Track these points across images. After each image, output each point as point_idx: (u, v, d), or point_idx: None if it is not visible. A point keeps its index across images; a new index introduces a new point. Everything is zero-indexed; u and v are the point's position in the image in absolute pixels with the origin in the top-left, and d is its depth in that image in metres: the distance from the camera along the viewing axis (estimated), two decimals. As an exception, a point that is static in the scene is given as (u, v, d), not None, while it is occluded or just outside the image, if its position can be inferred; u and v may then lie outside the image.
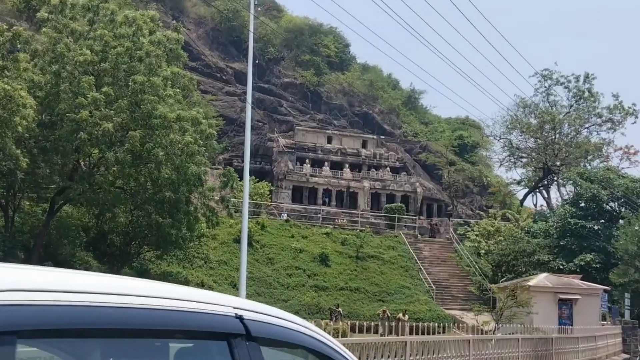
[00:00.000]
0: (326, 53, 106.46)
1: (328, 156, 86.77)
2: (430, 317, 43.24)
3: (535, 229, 52.48)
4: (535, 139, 75.09)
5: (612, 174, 52.91)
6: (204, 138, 39.81)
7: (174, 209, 38.29)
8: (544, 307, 30.37)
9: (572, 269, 45.42)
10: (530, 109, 75.38)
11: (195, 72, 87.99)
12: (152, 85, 35.05)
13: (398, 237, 60.57)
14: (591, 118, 74.21)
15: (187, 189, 38.55)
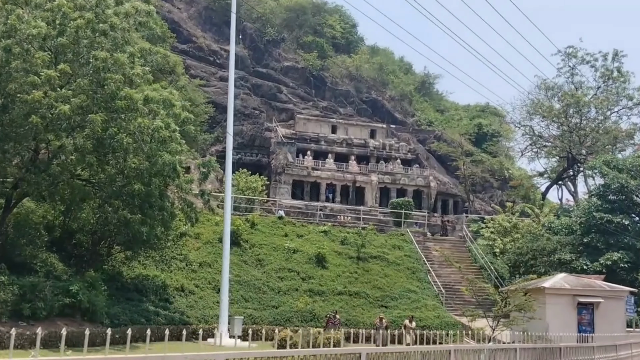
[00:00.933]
0: (331, 34, 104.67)
1: (332, 147, 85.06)
2: (438, 325, 41.83)
3: (557, 225, 50.40)
4: (559, 124, 72.94)
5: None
6: (179, 123, 38.29)
7: (145, 204, 36.79)
8: (561, 311, 28.76)
9: (597, 269, 43.56)
10: (553, 92, 73.20)
11: (186, 55, 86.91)
12: (116, 63, 33.48)
13: (405, 235, 58.84)
14: (621, 100, 72.04)
15: (161, 180, 36.99)
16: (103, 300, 34.93)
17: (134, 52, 35.38)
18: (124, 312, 36.36)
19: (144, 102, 33.92)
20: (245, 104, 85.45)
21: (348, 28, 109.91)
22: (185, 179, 39.04)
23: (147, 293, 40.74)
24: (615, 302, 28.81)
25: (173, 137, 35.75)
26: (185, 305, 41.36)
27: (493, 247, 56.16)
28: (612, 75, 71.83)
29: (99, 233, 39.07)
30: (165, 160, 35.51)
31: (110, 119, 33.32)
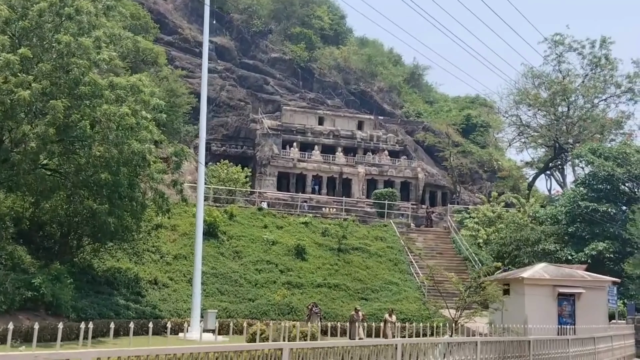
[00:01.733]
0: (319, 26, 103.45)
1: (319, 139, 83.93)
2: (420, 317, 40.44)
3: (542, 215, 48.90)
4: (545, 113, 71.42)
5: (629, 149, 49.46)
6: (149, 110, 36.83)
7: (114, 194, 35.39)
8: (540, 303, 27.35)
9: (582, 259, 42.24)
10: (541, 80, 71.74)
11: (171, 46, 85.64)
12: (81, 47, 32.01)
13: (388, 226, 57.39)
14: (608, 88, 70.66)
15: (130, 170, 35.55)
16: (68, 293, 33.50)
17: (99, 37, 33.80)
18: (92, 306, 34.98)
19: (109, 88, 32.50)
20: (230, 95, 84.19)
21: (336, 19, 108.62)
22: (157, 168, 37.52)
23: (118, 286, 39.36)
24: (597, 293, 27.40)
25: (141, 124, 34.26)
26: (158, 298, 39.98)
27: (476, 237, 54.74)
28: (599, 62, 70.33)
29: (67, 224, 37.62)
30: (134, 148, 34.11)
31: (74, 106, 31.94)
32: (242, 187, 64.27)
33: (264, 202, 63.69)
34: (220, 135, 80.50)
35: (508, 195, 62.25)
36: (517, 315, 27.08)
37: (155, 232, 45.66)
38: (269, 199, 67.14)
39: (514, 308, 27.90)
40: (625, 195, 45.49)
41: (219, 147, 78.64)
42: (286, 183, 76.89)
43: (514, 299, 28.08)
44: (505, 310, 28.18)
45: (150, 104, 36.35)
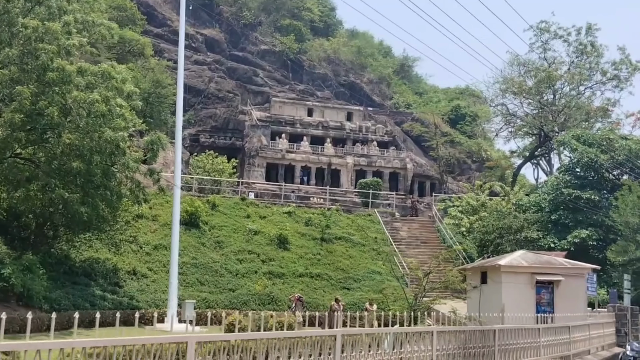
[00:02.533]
0: (309, 17, 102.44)
1: (308, 130, 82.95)
2: (401, 306, 39.22)
3: (525, 203, 47.59)
4: (530, 101, 70.04)
5: (613, 135, 48.22)
6: (124, 97, 35.54)
7: (88, 183, 34.09)
8: (518, 291, 26.13)
9: (564, 247, 41.08)
10: (526, 68, 70.29)
11: (160, 38, 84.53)
12: (49, 32, 30.71)
13: (372, 216, 56.16)
14: (594, 75, 69.18)
15: (103, 158, 34.24)
16: (40, 284, 32.22)
17: (69, 22, 32.48)
18: (67, 297, 33.71)
19: (78, 74, 31.22)
20: (219, 87, 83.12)
21: (326, 11, 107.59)
22: (134, 157, 36.23)
23: (96, 277, 38.11)
24: (576, 281, 26.16)
25: (114, 111, 32.96)
26: (136, 289, 38.74)
27: (459, 226, 53.45)
28: (585, 49, 68.93)
29: (42, 214, 36.32)
30: (107, 136, 32.85)
31: (43, 92, 30.63)
32: (228, 177, 63.02)
33: (251, 193, 62.54)
34: (208, 126, 79.41)
35: (492, 184, 60.99)
36: (495, 303, 25.94)
37: (136, 223, 44.52)
38: (257, 189, 66.00)
39: (491, 296, 26.75)
40: (610, 183, 44.17)
41: (207, 138, 77.52)
42: (275, 174, 75.74)
43: (492, 287, 26.91)
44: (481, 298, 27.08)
45: (124, 91, 35.04)
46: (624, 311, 26.70)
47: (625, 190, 40.29)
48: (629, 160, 44.29)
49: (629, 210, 38.33)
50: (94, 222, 35.32)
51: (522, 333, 16.69)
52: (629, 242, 37.69)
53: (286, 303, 40.04)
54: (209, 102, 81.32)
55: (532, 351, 17.13)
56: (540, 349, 17.53)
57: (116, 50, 68.13)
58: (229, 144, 78.11)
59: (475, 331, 14.48)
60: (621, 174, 44.55)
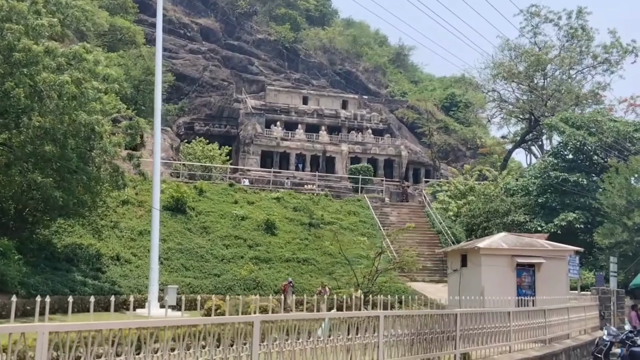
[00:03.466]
0: (304, 7, 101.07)
1: (303, 118, 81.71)
2: (388, 291, 37.90)
3: (513, 186, 46.00)
4: (520, 85, 68.30)
5: (601, 117, 46.64)
6: (100, 80, 34.15)
7: (64, 168, 32.71)
8: (498, 273, 24.66)
9: (551, 230, 39.59)
10: (517, 53, 68.50)
11: (155, 28, 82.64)
12: (13, 11, 29.30)
13: (362, 201, 54.59)
14: (584, 59, 67.34)
15: (79, 143, 32.87)
16: (17, 269, 30.85)
17: (37, 1, 31.04)
18: (45, 283, 32.29)
19: (46, 55, 29.79)
20: (214, 75, 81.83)
21: (322, 1, 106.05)
22: (112, 141, 34.85)
23: (78, 263, 36.76)
24: (558, 263, 24.71)
25: (86, 94, 31.54)
26: (119, 274, 37.39)
27: (447, 210, 51.98)
28: (575, 33, 67.11)
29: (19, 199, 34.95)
30: (81, 119, 31.47)
31: (10, 74, 29.23)
32: (220, 164, 61.73)
33: (245, 180, 61.45)
34: (203, 114, 78.10)
35: (481, 168, 59.53)
36: (475, 286, 24.57)
37: (121, 208, 43.23)
38: (251, 176, 64.81)
39: (471, 279, 25.33)
40: (598, 165, 42.44)
41: (202, 126, 76.17)
42: (270, 161, 74.32)
43: (471, 269, 25.45)
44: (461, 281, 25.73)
45: (99, 74, 33.66)
46: (607, 294, 25.29)
47: (612, 172, 38.73)
48: (617, 142, 42.80)
49: (615, 193, 36.83)
50: (71, 206, 33.93)
51: (489, 317, 15.22)
52: (616, 225, 36.19)
53: (272, 288, 38.86)
54: (204, 91, 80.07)
55: (500, 336, 15.67)
56: (510, 333, 16.07)
57: (107, 38, 66.94)
58: (224, 131, 76.78)
59: (433, 315, 13.03)
60: (610, 157, 42.82)
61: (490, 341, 15.10)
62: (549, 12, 67.41)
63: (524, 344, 17.04)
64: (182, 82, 78.04)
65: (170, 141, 61.78)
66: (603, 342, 16.53)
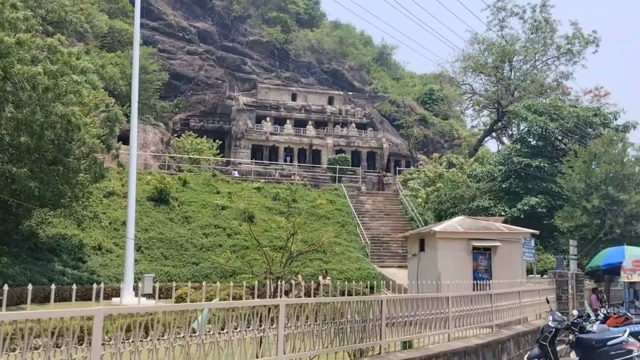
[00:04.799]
0: (294, 10, 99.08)
1: (291, 114, 79.92)
2: (358, 276, 35.96)
3: (479, 173, 43.76)
4: (488, 76, 65.92)
5: (562, 103, 44.48)
6: (77, 72, 32.03)
7: (42, 159, 30.65)
8: (454, 257, 22.63)
9: (515, 214, 37.49)
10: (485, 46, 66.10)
11: (156, 31, 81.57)
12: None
13: (339, 190, 52.42)
14: (548, 50, 65.31)
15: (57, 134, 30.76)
16: (-7, 260, 28.91)
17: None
18: (24, 273, 30.28)
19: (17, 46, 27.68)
20: (208, 74, 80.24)
21: (311, 4, 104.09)
22: (91, 133, 32.76)
23: (60, 253, 34.84)
24: (514, 246, 22.63)
25: (60, 85, 29.43)
26: (100, 264, 35.42)
27: (417, 197, 49.77)
28: (540, 26, 64.76)
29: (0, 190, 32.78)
30: (57, 111, 29.40)
31: (-21, 65, 27.17)
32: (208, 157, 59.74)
33: (235, 171, 59.74)
34: (198, 111, 76.43)
35: (449, 156, 57.34)
36: (432, 271, 22.64)
37: (107, 200, 41.27)
38: (242, 169, 62.99)
39: (429, 264, 23.34)
40: (560, 151, 40.01)
41: (197, 122, 74.36)
42: (260, 155, 72.82)
43: (429, 253, 23.45)
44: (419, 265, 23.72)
45: (76, 67, 31.54)
46: (564, 277, 23.13)
47: (571, 156, 36.53)
48: (577, 127, 40.59)
49: (575, 176, 34.68)
50: (48, 198, 31.85)
51: (422, 303, 13.08)
52: (575, 208, 34.08)
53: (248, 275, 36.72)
54: (199, 89, 78.43)
55: (437, 323, 13.56)
56: (449, 320, 13.96)
57: (107, 40, 65.06)
58: (217, 127, 75.08)
59: (351, 302, 10.90)
60: (572, 142, 40.45)
61: (425, 329, 12.99)
62: (514, 6, 65.47)
63: (466, 331, 14.91)
64: (179, 81, 76.78)
65: (161, 135, 59.76)
66: (548, 328, 14.39)
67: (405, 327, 12.55)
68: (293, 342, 9.45)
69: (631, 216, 32.88)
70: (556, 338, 14.74)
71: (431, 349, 12.83)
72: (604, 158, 34.27)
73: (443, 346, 13.30)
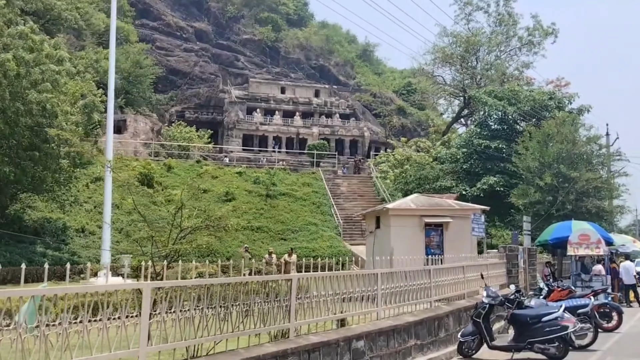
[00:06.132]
0: (285, 11, 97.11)
1: (280, 106, 77.93)
2: (329, 254, 33.87)
3: (443, 155, 41.61)
4: (454, 66, 63.64)
5: (519, 88, 42.41)
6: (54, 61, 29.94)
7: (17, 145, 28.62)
8: (407, 234, 20.66)
9: (475, 193, 35.48)
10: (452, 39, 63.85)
11: (155, 30, 79.72)
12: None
13: (316, 173, 50.35)
14: (511, 41, 62.95)
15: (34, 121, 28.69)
16: (-30, 242, 26.89)
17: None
18: (3, 255, 28.28)
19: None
20: (202, 70, 78.47)
21: (300, 5, 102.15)
22: (67, 119, 30.64)
23: (44, 236, 32.85)
24: (465, 222, 20.62)
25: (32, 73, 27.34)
26: (81, 245, 33.39)
27: (385, 178, 47.71)
28: (503, 18, 62.53)
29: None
30: (31, 98, 27.33)
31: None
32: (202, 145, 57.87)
33: (226, 158, 58.15)
34: (193, 104, 74.45)
35: (417, 140, 55.30)
36: (386, 247, 20.66)
37: (94, 185, 39.26)
38: (234, 157, 61.05)
39: (383, 240, 21.35)
40: (519, 134, 37.70)
41: (191, 114, 72.40)
42: (251, 144, 70.87)
43: (383, 231, 21.44)
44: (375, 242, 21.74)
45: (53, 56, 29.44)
46: (514, 251, 21.13)
47: (525, 137, 34.41)
48: (534, 109, 38.44)
49: (529, 155, 32.63)
50: (26, 182, 29.86)
51: (344, 281, 11.07)
52: (529, 186, 32.02)
53: (224, 254, 34.87)
54: (194, 83, 76.52)
55: (363, 304, 11.56)
56: (378, 298, 11.95)
57: (105, 38, 62.89)
58: (211, 118, 73.11)
59: (247, 283, 8.86)
60: (529, 125, 38.19)
61: (348, 308, 10.95)
62: (479, 0, 63.14)
63: (400, 308, 12.85)
64: (175, 76, 75.09)
65: (152, 125, 57.59)
66: (482, 304, 12.35)
67: (330, 306, 10.50)
68: (167, 330, 7.40)
69: (582, 193, 30.88)
70: (491, 314, 12.75)
71: (353, 330, 10.79)
72: (556, 138, 32.21)
73: (368, 326, 11.30)
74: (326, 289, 10.54)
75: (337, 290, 10.80)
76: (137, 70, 58.54)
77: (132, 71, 58.43)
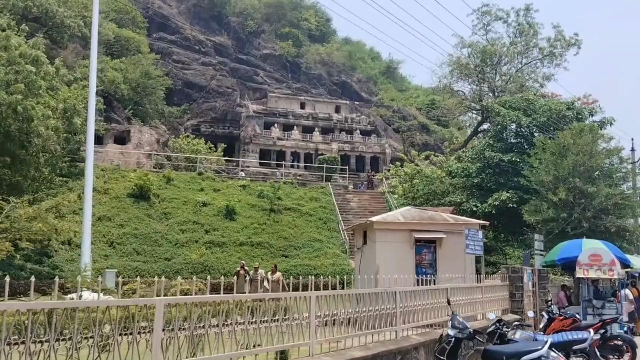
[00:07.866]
0: (306, 26, 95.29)
1: (299, 121, 76.12)
2: (332, 272, 31.39)
3: (454, 168, 38.73)
4: (470, 77, 60.56)
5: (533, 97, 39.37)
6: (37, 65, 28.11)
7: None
8: (394, 250, 18.00)
9: (486, 209, 32.62)
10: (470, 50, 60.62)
11: (174, 44, 78.54)
12: None
13: (325, 188, 47.79)
14: (531, 52, 59.69)
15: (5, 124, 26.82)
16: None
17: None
18: (-24, 267, 26.36)
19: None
20: (219, 83, 76.93)
21: (322, 22, 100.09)
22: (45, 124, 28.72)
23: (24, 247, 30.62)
24: (462, 238, 17.99)
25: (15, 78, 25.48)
26: (66, 259, 31.42)
27: (394, 193, 44.95)
28: (523, 29, 59.47)
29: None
30: (4, 101, 25.43)
31: None
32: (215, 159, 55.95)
33: (242, 172, 56.51)
34: (208, 117, 72.92)
35: (429, 153, 52.57)
36: (372, 265, 18.15)
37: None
38: (250, 171, 59.03)
39: (369, 257, 18.78)
40: (534, 146, 34.62)
41: (207, 127, 70.87)
42: (268, 158, 68.96)
43: (370, 246, 18.84)
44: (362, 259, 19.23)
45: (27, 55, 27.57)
46: (518, 273, 18.42)
47: (539, 149, 31.47)
48: (550, 120, 35.51)
49: (542, 169, 29.77)
50: (2, 187, 27.95)
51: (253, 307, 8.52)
52: (542, 201, 29.13)
53: (220, 271, 32.57)
54: (210, 97, 74.98)
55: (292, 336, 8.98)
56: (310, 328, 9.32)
57: (116, 48, 61.52)
58: (227, 132, 71.55)
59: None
60: (547, 137, 35.05)
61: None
62: (498, 10, 60.07)
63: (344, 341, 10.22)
64: (191, 89, 73.66)
65: (158, 136, 55.74)
66: (447, 338, 9.71)
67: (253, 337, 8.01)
68: None
69: (600, 210, 27.86)
70: (459, 349, 10.10)
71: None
72: (572, 149, 29.31)
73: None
74: (245, 317, 8.07)
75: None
76: (146, 81, 56.88)
77: (140, 81, 56.81)
